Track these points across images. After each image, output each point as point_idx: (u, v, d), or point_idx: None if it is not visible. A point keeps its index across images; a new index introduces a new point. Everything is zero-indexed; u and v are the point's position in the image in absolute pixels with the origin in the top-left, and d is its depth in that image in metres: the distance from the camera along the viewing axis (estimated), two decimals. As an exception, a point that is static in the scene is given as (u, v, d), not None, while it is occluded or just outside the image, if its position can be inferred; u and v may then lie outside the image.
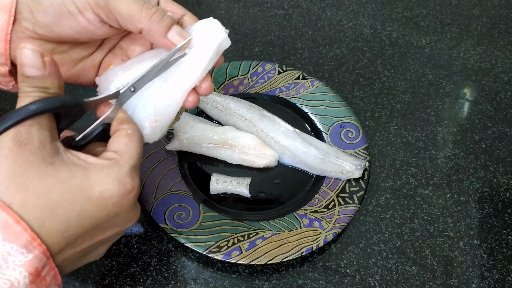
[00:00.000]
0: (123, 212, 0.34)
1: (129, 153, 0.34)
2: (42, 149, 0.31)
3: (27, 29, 0.36)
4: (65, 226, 0.31)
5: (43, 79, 0.32)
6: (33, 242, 0.29)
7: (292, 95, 0.60)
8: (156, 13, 0.36)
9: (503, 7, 0.76)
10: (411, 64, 0.67)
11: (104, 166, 0.33)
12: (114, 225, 0.34)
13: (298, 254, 0.45)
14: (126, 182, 0.33)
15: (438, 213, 0.51)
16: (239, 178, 0.52)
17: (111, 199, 0.32)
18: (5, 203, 0.29)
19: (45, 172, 0.30)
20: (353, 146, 0.54)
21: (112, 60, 0.41)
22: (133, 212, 0.35)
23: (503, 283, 0.46)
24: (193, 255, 0.47)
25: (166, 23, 0.36)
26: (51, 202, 0.30)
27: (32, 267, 0.29)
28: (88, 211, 0.31)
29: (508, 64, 0.67)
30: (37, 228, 0.29)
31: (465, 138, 0.58)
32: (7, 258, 0.28)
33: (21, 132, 0.30)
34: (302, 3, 0.75)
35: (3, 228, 0.28)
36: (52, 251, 0.30)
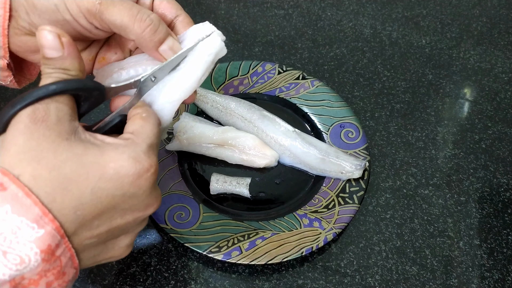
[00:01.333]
0: (142, 193, 0.32)
1: (145, 133, 0.33)
2: (60, 126, 0.30)
3: (24, 27, 0.36)
4: (78, 203, 0.29)
5: (62, 60, 0.32)
6: (45, 217, 0.28)
7: (292, 95, 0.60)
8: (149, 27, 0.35)
9: (503, 7, 0.76)
10: (411, 64, 0.67)
11: (119, 144, 0.32)
12: (133, 208, 0.33)
13: (298, 254, 0.45)
14: (142, 159, 0.31)
15: (438, 213, 0.51)
16: (239, 178, 0.52)
17: (127, 177, 0.31)
18: (14, 175, 0.28)
19: (60, 146, 0.29)
20: (353, 146, 0.54)
21: (106, 54, 0.41)
22: (153, 195, 0.33)
23: (503, 283, 0.46)
24: (193, 255, 0.47)
25: (158, 38, 0.36)
26: (64, 177, 0.29)
27: (44, 244, 0.27)
28: (102, 188, 0.30)
29: (508, 64, 0.67)
30: (48, 203, 0.28)
31: (465, 138, 0.58)
32: (17, 232, 0.27)
33: (39, 109, 0.30)
34: (302, 3, 0.75)
35: (12, 200, 0.27)
36: (66, 229, 0.29)
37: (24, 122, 0.29)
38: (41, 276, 0.28)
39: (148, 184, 0.32)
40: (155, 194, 0.34)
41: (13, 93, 0.60)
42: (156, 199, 0.34)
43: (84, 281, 0.45)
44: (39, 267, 0.28)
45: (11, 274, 0.27)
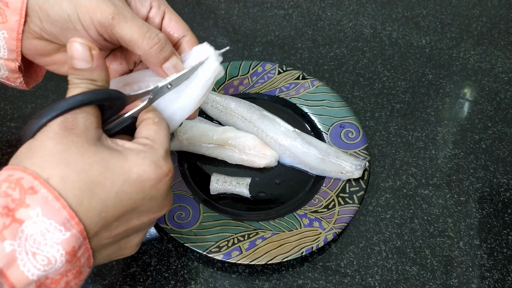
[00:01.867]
0: (159, 196, 0.34)
1: (161, 138, 0.35)
2: (87, 133, 0.31)
3: (35, 31, 0.38)
4: (103, 206, 0.30)
5: (91, 72, 0.33)
6: (71, 221, 0.29)
7: (292, 95, 0.60)
8: (157, 45, 0.37)
9: (503, 7, 0.76)
10: (411, 64, 0.67)
11: (140, 150, 0.33)
12: (149, 210, 0.34)
13: (298, 254, 0.45)
14: (163, 165, 0.33)
15: (438, 213, 0.51)
16: (239, 178, 0.52)
17: (149, 181, 0.32)
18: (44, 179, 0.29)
19: (87, 150, 0.31)
20: (353, 146, 0.54)
21: (112, 63, 0.42)
22: (168, 198, 0.35)
23: (503, 283, 0.46)
24: (193, 255, 0.47)
25: (164, 56, 0.38)
26: (91, 180, 0.30)
27: (69, 245, 0.29)
28: (126, 192, 0.31)
29: (508, 64, 0.67)
30: (75, 206, 0.29)
31: (465, 138, 0.58)
32: (46, 234, 0.28)
33: (68, 119, 0.31)
34: (302, 3, 0.75)
35: (42, 204, 0.28)
36: (88, 231, 0.30)
37: (54, 130, 0.30)
38: (63, 275, 0.29)
39: (166, 187, 0.34)
40: (170, 196, 0.36)
41: (13, 93, 0.60)
42: (170, 201, 0.36)
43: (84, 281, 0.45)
44: (62, 268, 0.29)
45: (39, 275, 0.28)
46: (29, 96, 0.60)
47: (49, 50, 0.39)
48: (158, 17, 0.40)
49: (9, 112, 0.58)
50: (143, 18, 0.40)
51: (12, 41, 0.38)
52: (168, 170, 0.33)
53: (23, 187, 0.28)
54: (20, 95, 0.60)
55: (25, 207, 0.28)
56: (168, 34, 0.40)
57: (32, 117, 0.31)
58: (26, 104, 0.59)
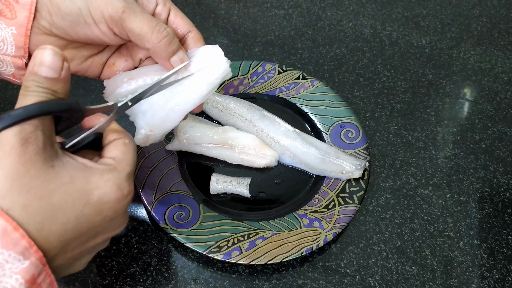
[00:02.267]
0: (116, 217, 0.34)
1: (126, 160, 0.35)
2: (44, 151, 0.30)
3: (44, 27, 0.38)
4: (63, 230, 0.31)
5: (56, 82, 0.31)
6: (30, 249, 0.29)
7: (292, 95, 0.60)
8: (166, 38, 0.38)
9: (503, 7, 0.76)
10: (411, 64, 0.67)
11: (103, 171, 0.33)
12: (106, 230, 0.34)
13: (298, 254, 0.45)
14: (124, 187, 0.33)
15: (438, 213, 0.51)
16: (239, 178, 0.52)
17: (109, 203, 0.33)
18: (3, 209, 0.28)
19: (47, 174, 0.30)
20: (353, 146, 0.54)
21: (117, 60, 0.43)
22: (124, 217, 0.36)
23: (503, 283, 0.46)
24: (193, 255, 0.47)
25: (172, 49, 0.39)
26: (52, 206, 0.30)
27: (28, 273, 0.29)
28: (86, 215, 0.32)
29: (508, 64, 0.67)
30: (36, 233, 0.29)
31: (465, 138, 0.58)
32: (5, 265, 0.28)
33: (26, 130, 0.29)
34: (302, 3, 0.75)
35: (1, 235, 0.28)
36: (47, 256, 0.30)
37: (11, 143, 0.29)
38: None
39: (124, 208, 0.34)
40: (125, 216, 0.36)
41: (13, 93, 0.60)
42: (125, 221, 0.36)
43: (84, 281, 0.45)
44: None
45: None
46: (29, 96, 0.60)
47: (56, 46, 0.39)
48: (164, 13, 0.41)
49: (9, 112, 0.58)
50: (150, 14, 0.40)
51: (20, 37, 0.38)
52: (127, 192, 0.34)
53: None
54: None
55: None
56: (174, 30, 0.41)
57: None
58: (26, 104, 0.59)
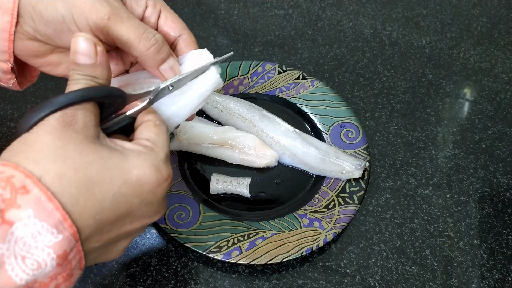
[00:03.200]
0: (155, 201, 0.33)
1: (162, 142, 0.34)
2: (86, 130, 0.30)
3: (28, 32, 0.36)
4: (99, 208, 0.29)
5: (94, 68, 0.32)
6: (64, 223, 0.27)
7: (292, 95, 0.60)
8: (154, 46, 0.36)
9: (503, 7, 0.76)
10: (411, 64, 0.67)
11: (141, 152, 0.32)
12: (143, 215, 0.33)
13: (298, 254, 0.45)
14: (163, 169, 0.32)
15: (438, 213, 0.51)
16: (239, 178, 0.52)
17: (148, 185, 0.31)
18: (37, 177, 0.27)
19: (86, 148, 0.30)
20: (353, 146, 0.54)
21: None
22: (163, 204, 0.34)
23: (503, 283, 0.46)
24: (193, 255, 0.47)
25: (161, 57, 0.37)
26: (89, 179, 0.29)
27: (61, 249, 0.27)
28: (123, 194, 0.30)
29: (508, 64, 0.67)
30: (70, 206, 0.28)
31: (465, 138, 0.58)
32: (37, 237, 0.27)
33: (67, 114, 0.30)
34: (302, 3, 0.75)
35: (34, 204, 0.27)
36: (81, 234, 0.29)
37: (52, 124, 0.29)
38: (52, 279, 0.28)
39: (163, 193, 0.33)
40: (165, 202, 0.35)
41: (13, 93, 0.60)
42: (164, 207, 0.35)
43: (84, 281, 0.45)
44: (52, 271, 0.28)
45: (27, 279, 0.27)
46: (29, 96, 0.60)
47: (43, 51, 0.38)
48: (154, 16, 0.39)
49: (9, 112, 0.58)
50: (139, 17, 0.39)
51: (4, 42, 0.36)
52: (167, 175, 0.33)
53: (14, 186, 0.27)
54: (20, 95, 0.60)
55: (16, 207, 0.26)
56: (164, 33, 0.40)
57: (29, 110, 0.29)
58: (26, 104, 0.59)
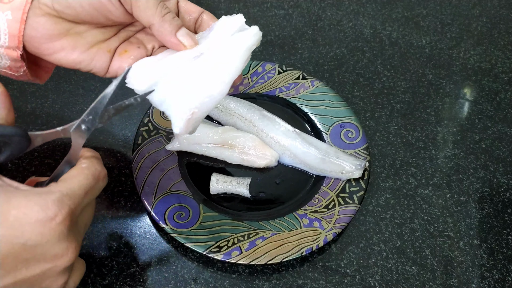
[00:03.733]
0: (45, 242, 0.30)
1: (70, 182, 0.33)
2: None
3: (45, 4, 0.35)
4: None
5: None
6: None
7: (292, 95, 0.60)
8: (169, 13, 0.37)
9: (503, 7, 0.76)
10: (411, 64, 0.67)
11: (32, 192, 0.31)
12: (37, 258, 0.31)
13: (298, 254, 0.45)
14: (49, 207, 0.30)
15: (438, 213, 0.51)
16: (239, 178, 0.52)
17: (28, 225, 0.29)
18: None
19: None
20: (353, 146, 0.54)
21: (128, 47, 0.40)
22: (62, 246, 0.31)
23: (503, 283, 0.46)
24: (193, 255, 0.47)
25: (176, 23, 0.37)
26: None
27: None
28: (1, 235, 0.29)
29: (508, 64, 0.67)
30: None
31: (465, 138, 0.58)
32: None
33: None
34: (302, 3, 0.75)
35: None
36: None
37: None
38: None
39: (54, 234, 0.30)
40: (65, 244, 0.32)
41: (13, 93, 0.60)
42: (67, 250, 0.32)
43: (84, 281, 0.45)
44: None
45: None
46: (29, 96, 0.60)
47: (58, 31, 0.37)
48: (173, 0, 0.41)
49: (9, 112, 0.58)
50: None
51: (15, 23, 0.35)
52: (53, 214, 0.30)
53: None
54: (20, 95, 0.60)
55: None
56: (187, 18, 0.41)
57: None
58: (26, 104, 0.59)
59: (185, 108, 0.37)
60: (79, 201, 0.33)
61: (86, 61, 0.39)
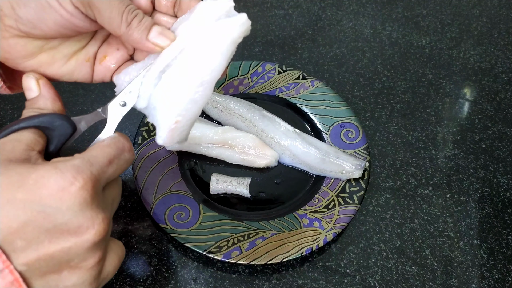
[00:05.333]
0: (66, 209, 0.28)
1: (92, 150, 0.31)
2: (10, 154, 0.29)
3: (10, 27, 0.34)
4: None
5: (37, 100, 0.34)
6: None
7: (292, 95, 0.60)
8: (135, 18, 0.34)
9: (503, 7, 0.76)
10: (411, 64, 0.67)
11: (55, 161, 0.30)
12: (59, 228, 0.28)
13: (298, 254, 0.45)
14: (67, 171, 0.28)
15: (438, 213, 0.51)
16: (239, 178, 0.52)
17: (46, 188, 0.28)
18: None
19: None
20: (353, 146, 0.54)
21: (108, 51, 0.39)
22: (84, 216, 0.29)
23: (503, 283, 0.46)
24: (193, 255, 0.47)
25: (145, 26, 0.34)
26: None
27: None
28: (19, 199, 0.27)
29: (508, 64, 0.67)
30: None
31: (465, 138, 0.58)
32: None
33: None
34: (302, 3, 0.75)
35: None
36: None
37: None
38: None
39: (74, 200, 0.28)
40: (89, 214, 0.29)
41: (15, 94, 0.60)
42: (92, 221, 0.29)
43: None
44: None
45: None
46: (29, 96, 0.60)
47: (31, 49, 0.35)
48: None
49: (9, 112, 0.58)
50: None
51: None
52: (72, 178, 0.28)
53: None
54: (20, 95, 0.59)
55: None
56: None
57: None
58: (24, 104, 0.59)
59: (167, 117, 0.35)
60: (102, 169, 0.31)
61: (67, 74, 0.38)
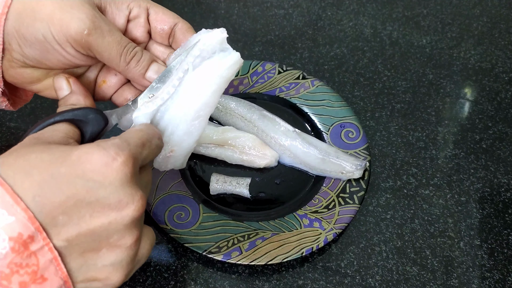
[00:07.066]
0: (108, 184, 0.29)
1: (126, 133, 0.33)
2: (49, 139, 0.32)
3: (17, 59, 0.37)
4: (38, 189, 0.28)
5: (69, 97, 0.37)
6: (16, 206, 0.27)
7: (292, 95, 0.60)
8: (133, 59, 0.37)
9: (504, 7, 0.76)
10: (412, 64, 0.67)
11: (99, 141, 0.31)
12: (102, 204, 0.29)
13: (298, 255, 0.45)
14: (109, 148, 0.30)
15: (439, 213, 0.51)
16: (239, 178, 0.52)
17: (89, 163, 0.29)
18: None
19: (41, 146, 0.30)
20: (353, 146, 0.54)
21: (106, 76, 0.41)
22: (125, 191, 0.30)
23: (504, 284, 0.46)
24: (193, 255, 0.47)
25: (143, 65, 0.37)
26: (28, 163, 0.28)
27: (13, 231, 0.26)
28: (63, 174, 0.28)
29: (508, 64, 0.67)
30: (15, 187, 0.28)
31: (465, 138, 0.58)
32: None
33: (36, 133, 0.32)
34: (302, 2, 0.75)
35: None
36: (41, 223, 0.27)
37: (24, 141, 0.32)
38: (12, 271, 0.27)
39: (116, 176, 0.29)
40: (129, 190, 0.30)
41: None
42: (132, 197, 0.30)
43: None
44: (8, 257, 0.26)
45: None
46: (28, 96, 0.60)
47: (37, 76, 0.38)
48: (142, 14, 0.39)
49: (8, 112, 0.58)
50: (123, 22, 0.39)
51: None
52: (115, 154, 0.29)
53: None
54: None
55: None
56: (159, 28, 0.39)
57: None
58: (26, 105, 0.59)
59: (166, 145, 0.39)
60: (138, 149, 0.32)
61: None
